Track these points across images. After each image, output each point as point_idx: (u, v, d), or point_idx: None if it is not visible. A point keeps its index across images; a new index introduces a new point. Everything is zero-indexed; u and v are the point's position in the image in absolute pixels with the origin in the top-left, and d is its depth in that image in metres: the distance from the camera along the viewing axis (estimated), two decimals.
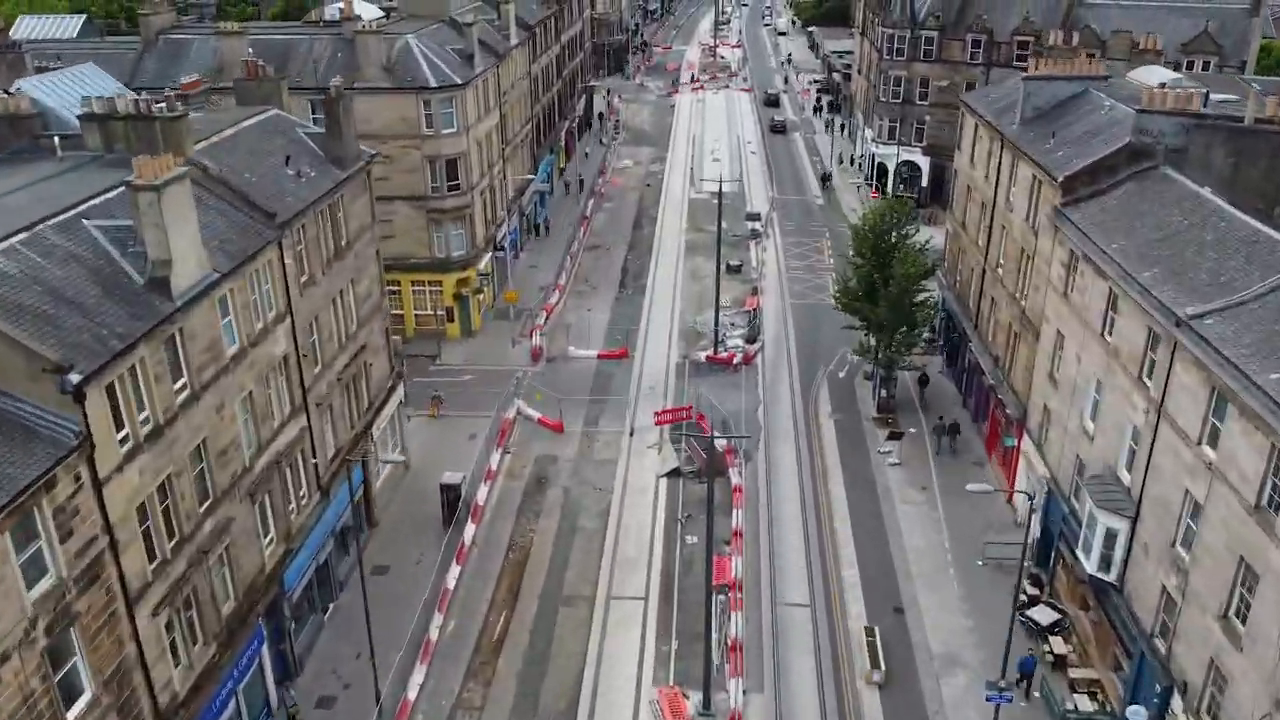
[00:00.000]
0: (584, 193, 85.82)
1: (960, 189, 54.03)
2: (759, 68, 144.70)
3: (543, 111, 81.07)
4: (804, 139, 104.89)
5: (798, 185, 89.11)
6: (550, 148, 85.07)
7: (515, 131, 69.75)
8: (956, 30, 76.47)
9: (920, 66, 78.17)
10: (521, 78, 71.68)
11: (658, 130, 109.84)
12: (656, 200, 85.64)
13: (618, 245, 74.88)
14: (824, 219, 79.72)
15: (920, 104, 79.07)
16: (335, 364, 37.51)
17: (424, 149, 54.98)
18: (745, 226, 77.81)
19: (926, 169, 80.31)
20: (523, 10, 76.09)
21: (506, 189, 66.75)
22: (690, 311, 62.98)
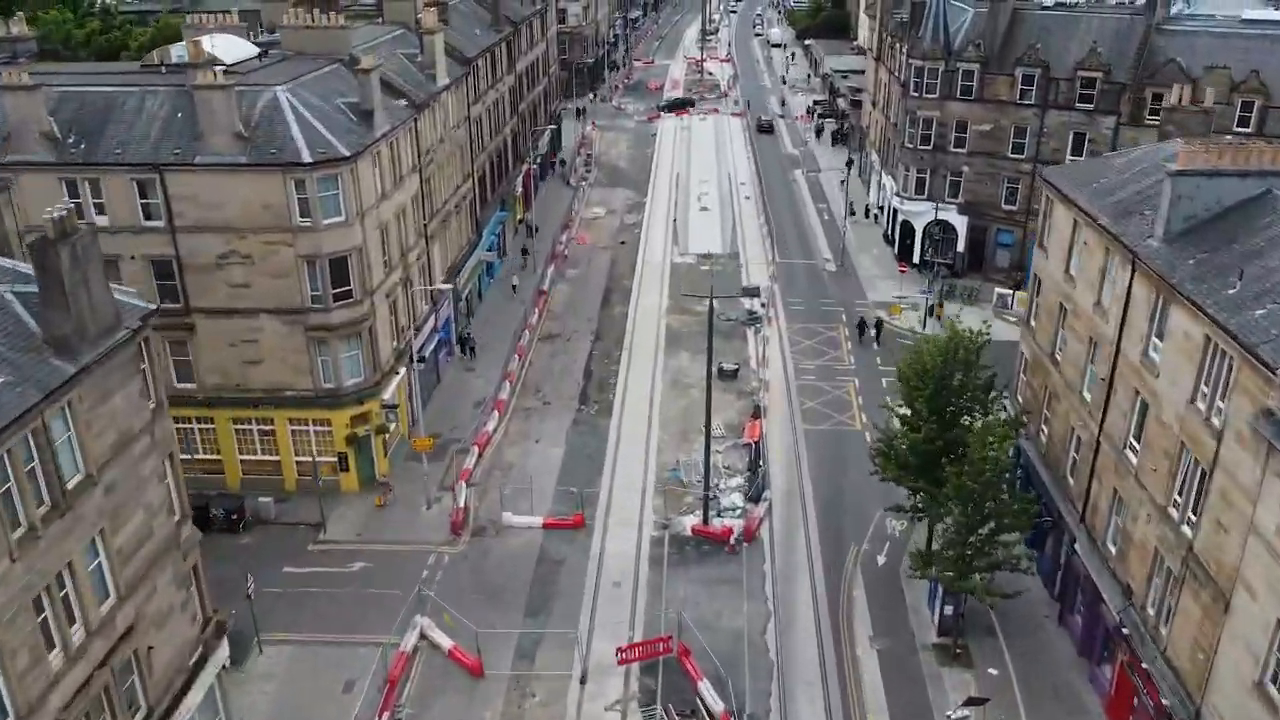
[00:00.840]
0: (544, 257, 70.27)
1: (1046, 302, 38.78)
2: (750, 85, 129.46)
3: (490, 161, 65.61)
4: (806, 178, 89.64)
5: (802, 242, 73.80)
6: (502, 200, 69.57)
7: (447, 196, 54.27)
8: (1003, 63, 61.31)
9: (956, 106, 63.04)
10: (457, 125, 56.23)
11: (636, 166, 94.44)
12: (632, 264, 70.24)
13: (581, 334, 59.44)
14: (839, 293, 64.44)
15: (956, 152, 63.93)
16: (62, 684, 22.06)
17: (298, 245, 39.53)
18: (741, 306, 62.42)
19: (963, 230, 65.18)
20: (462, 37, 60.59)
21: (432, 276, 51.26)
22: (672, 446, 47.59)
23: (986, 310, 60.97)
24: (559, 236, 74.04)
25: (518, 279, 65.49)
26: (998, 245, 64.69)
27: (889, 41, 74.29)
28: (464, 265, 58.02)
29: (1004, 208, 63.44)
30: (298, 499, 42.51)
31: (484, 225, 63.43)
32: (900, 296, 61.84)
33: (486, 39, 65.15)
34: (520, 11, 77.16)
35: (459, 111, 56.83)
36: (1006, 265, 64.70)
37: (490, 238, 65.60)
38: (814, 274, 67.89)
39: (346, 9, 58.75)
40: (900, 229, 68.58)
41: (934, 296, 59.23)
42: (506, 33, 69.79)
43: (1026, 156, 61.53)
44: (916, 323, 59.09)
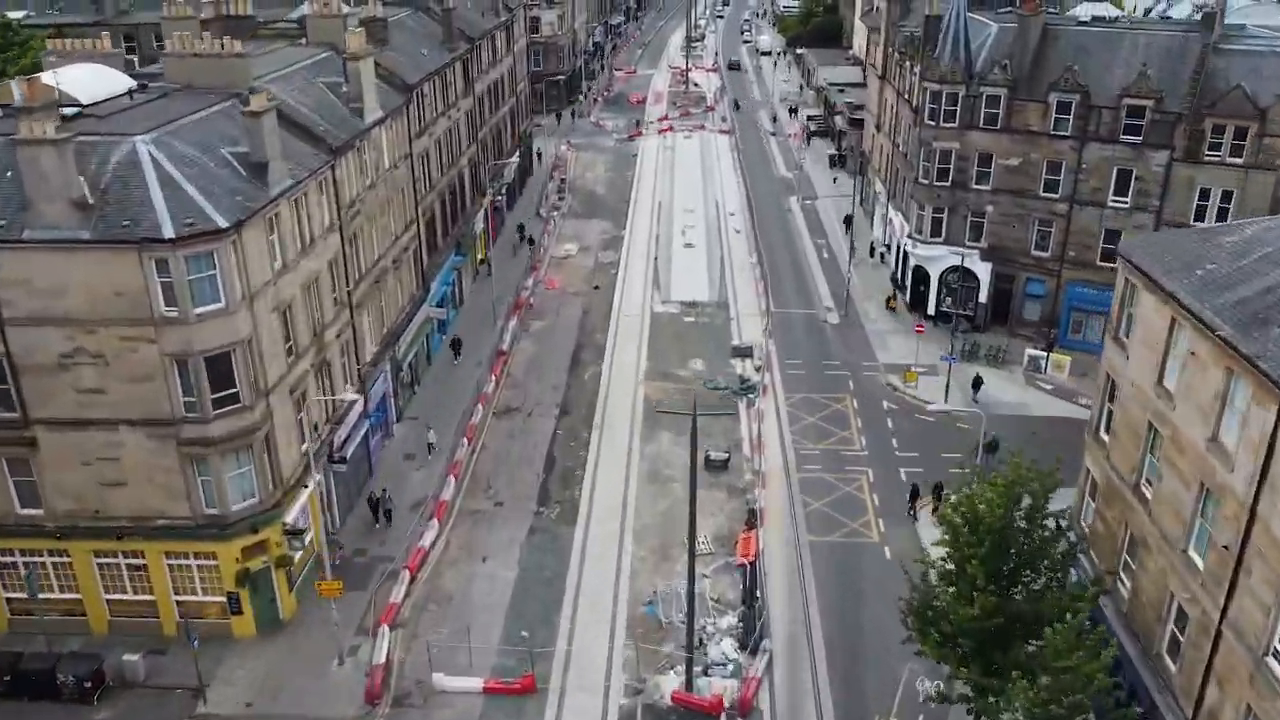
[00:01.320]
0: (506, 307, 61.42)
1: (1128, 416, 30.08)
2: (738, 98, 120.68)
3: (441, 201, 56.80)
4: (802, 205, 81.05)
5: (800, 286, 65.16)
6: (458, 243, 60.74)
7: (381, 252, 45.45)
8: (1033, 87, 52.83)
9: (979, 137, 54.51)
10: (395, 165, 47.42)
11: (614, 192, 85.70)
12: (607, 314, 61.51)
13: (544, 407, 50.69)
14: (844, 353, 55.81)
15: (978, 189, 55.39)
16: None
17: (163, 342, 30.74)
18: (732, 370, 53.91)
19: (987, 279, 56.67)
20: (405, 59, 51.79)
21: (359, 353, 42.43)
22: (648, 567, 38.89)
23: (1015, 374, 52.58)
24: (524, 281, 65.21)
25: (460, 355, 56.71)
26: (1026, 296, 56.23)
27: (896, 58, 65.80)
28: (406, 328, 49.17)
29: (1034, 254, 54.98)
30: (176, 650, 33.62)
31: (433, 276, 54.58)
32: (920, 367, 53.19)
33: (436, 59, 56.32)
34: (480, 25, 68.37)
35: (398, 148, 48.01)
36: (1037, 319, 56.24)
37: (442, 288, 56.80)
38: (814, 327, 59.23)
39: (263, 27, 49.89)
40: (913, 274, 60.02)
41: (957, 356, 50.64)
42: (461, 51, 60.98)
43: (1061, 196, 53.09)
44: (937, 392, 50.48)
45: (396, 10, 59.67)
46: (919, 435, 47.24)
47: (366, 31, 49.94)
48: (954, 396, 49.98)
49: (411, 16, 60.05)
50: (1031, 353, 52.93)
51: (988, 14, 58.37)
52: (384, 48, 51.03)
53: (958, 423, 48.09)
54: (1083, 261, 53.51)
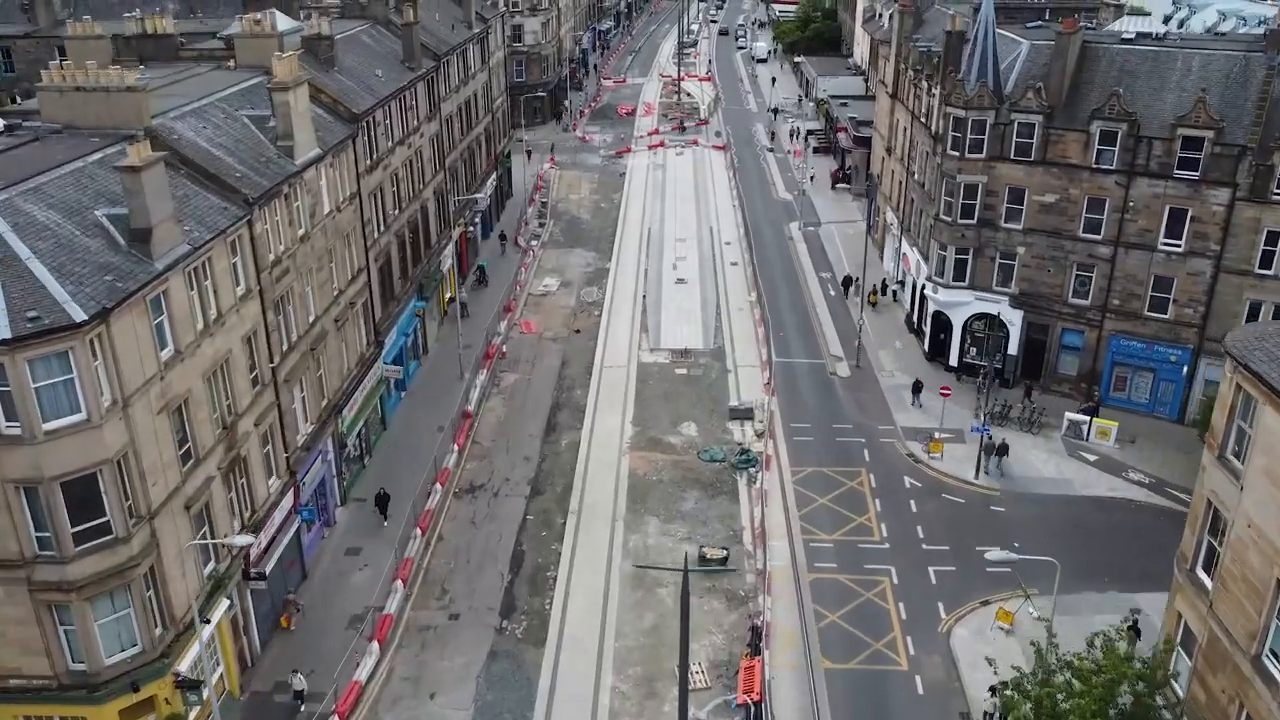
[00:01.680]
0: (475, 358, 54.66)
1: (1242, 564, 23.42)
2: (733, 111, 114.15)
3: (398, 242, 50.05)
4: (804, 233, 74.43)
5: (805, 330, 58.50)
6: (420, 285, 53.98)
7: (319, 313, 38.70)
8: (1073, 115, 46.30)
9: (1010, 170, 47.97)
10: (338, 208, 40.69)
11: (600, 217, 79.06)
12: (588, 364, 54.83)
13: (513, 484, 44.01)
14: (857, 414, 49.18)
15: (1009, 229, 48.85)
16: None
17: (5, 467, 23.98)
18: (730, 435, 47.30)
19: (1017, 329, 50.08)
20: (354, 83, 45.12)
21: (288, 438, 35.66)
22: (632, 707, 32.10)
23: (1054, 440, 46.01)
24: (496, 325, 58.46)
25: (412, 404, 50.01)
26: (1063, 349, 49.69)
27: (910, 76, 59.21)
28: (354, 395, 42.42)
29: (1072, 302, 48.44)
30: None
31: (388, 329, 47.85)
32: (944, 433, 46.60)
33: (394, 81, 49.57)
34: (448, 40, 61.65)
35: (342, 188, 41.30)
36: (1074, 374, 49.69)
37: (400, 339, 50.06)
38: (822, 382, 52.58)
39: (186, 48, 43.18)
40: (932, 320, 53.39)
41: (988, 426, 43.99)
42: (425, 70, 54.23)
43: (1104, 238, 46.58)
44: (966, 465, 43.95)
45: (350, 25, 53.09)
46: (948, 521, 40.66)
47: (309, 52, 43.47)
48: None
49: (368, 32, 53.38)
50: (1072, 417, 46.39)
51: (1015, 29, 51.82)
52: (329, 71, 44.37)
53: (991, 504, 41.60)
54: (1128, 311, 47.01)
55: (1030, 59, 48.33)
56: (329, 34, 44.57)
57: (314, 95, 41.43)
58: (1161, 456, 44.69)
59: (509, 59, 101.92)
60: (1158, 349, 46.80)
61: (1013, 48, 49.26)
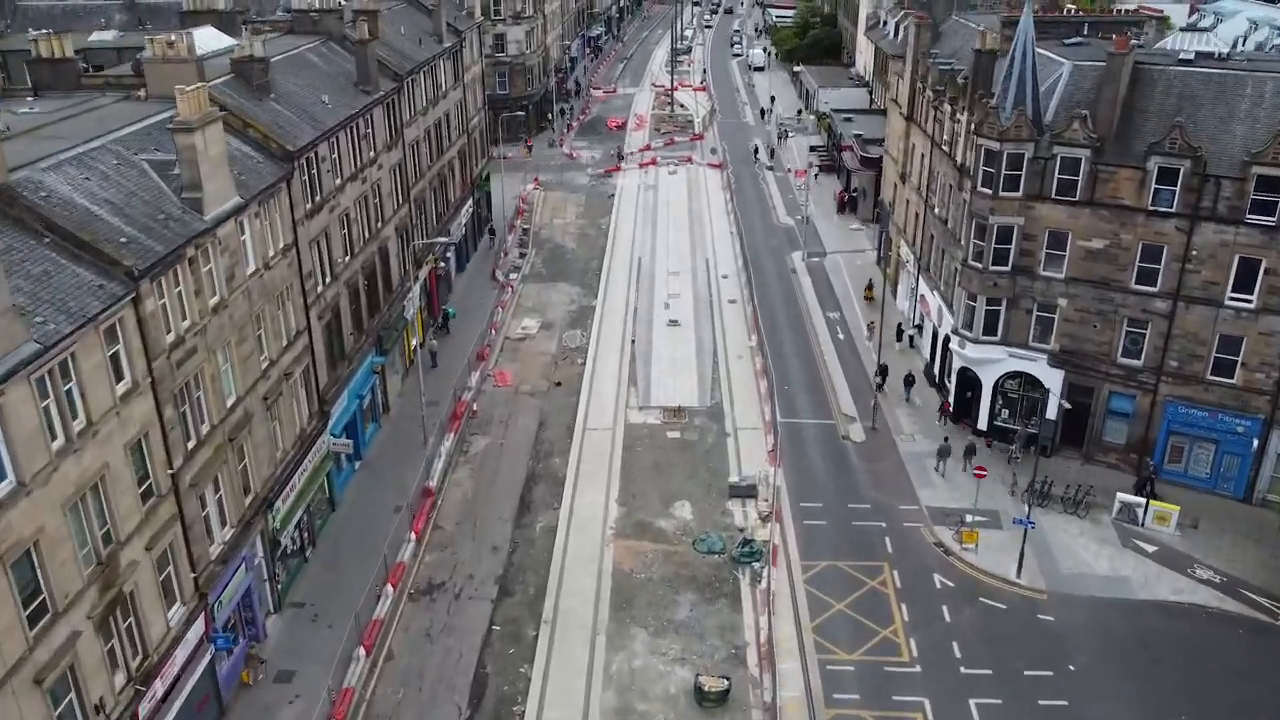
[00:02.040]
0: (442, 418, 48.30)
1: None
2: (730, 125, 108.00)
3: (350, 291, 43.67)
4: (808, 264, 68.23)
5: (813, 384, 52.26)
6: (378, 337, 47.63)
7: (242, 393, 32.29)
8: (1125, 148, 40.16)
9: (1051, 211, 41.83)
10: (267, 266, 34.32)
11: (586, 245, 72.82)
12: (569, 425, 48.55)
13: (478, 583, 37.64)
14: (874, 490, 42.92)
15: (1048, 277, 42.70)
16: None
17: None
18: (731, 517, 41.03)
19: (1057, 390, 43.89)
20: (294, 113, 38.83)
21: (196, 553, 29.25)
22: None
23: (1104, 526, 39.87)
24: (467, 377, 52.10)
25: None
26: (1110, 414, 43.53)
27: (929, 98, 53.03)
28: (290, 481, 36.05)
29: (1121, 362, 42.30)
30: None
31: (336, 396, 41.48)
32: (979, 514, 40.39)
33: (344, 108, 43.23)
34: (414, 56, 55.33)
35: (273, 240, 34.94)
36: (1123, 443, 43.56)
37: (353, 403, 43.71)
38: (834, 447, 46.33)
39: (88, 75, 36.83)
40: (957, 377, 47.18)
41: (1033, 520, 37.69)
42: (383, 94, 47.88)
43: (1161, 289, 40.46)
44: (1006, 558, 37.78)
45: (297, 42, 46.76)
46: (988, 634, 34.46)
47: (239, 77, 37.12)
48: (1029, 567, 37.22)
49: (318, 50, 47.04)
50: (1125, 499, 40.21)
51: (1052, 46, 45.67)
52: (263, 99, 38.03)
53: (1037, 611, 35.40)
54: (1188, 375, 40.90)
55: (1073, 83, 42.19)
56: (263, 55, 38.16)
57: (240, 130, 35.18)
58: (1230, 546, 38.60)
59: (491, 70, 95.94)
60: (1222, 418, 40.66)
61: (1052, 69, 43.12)
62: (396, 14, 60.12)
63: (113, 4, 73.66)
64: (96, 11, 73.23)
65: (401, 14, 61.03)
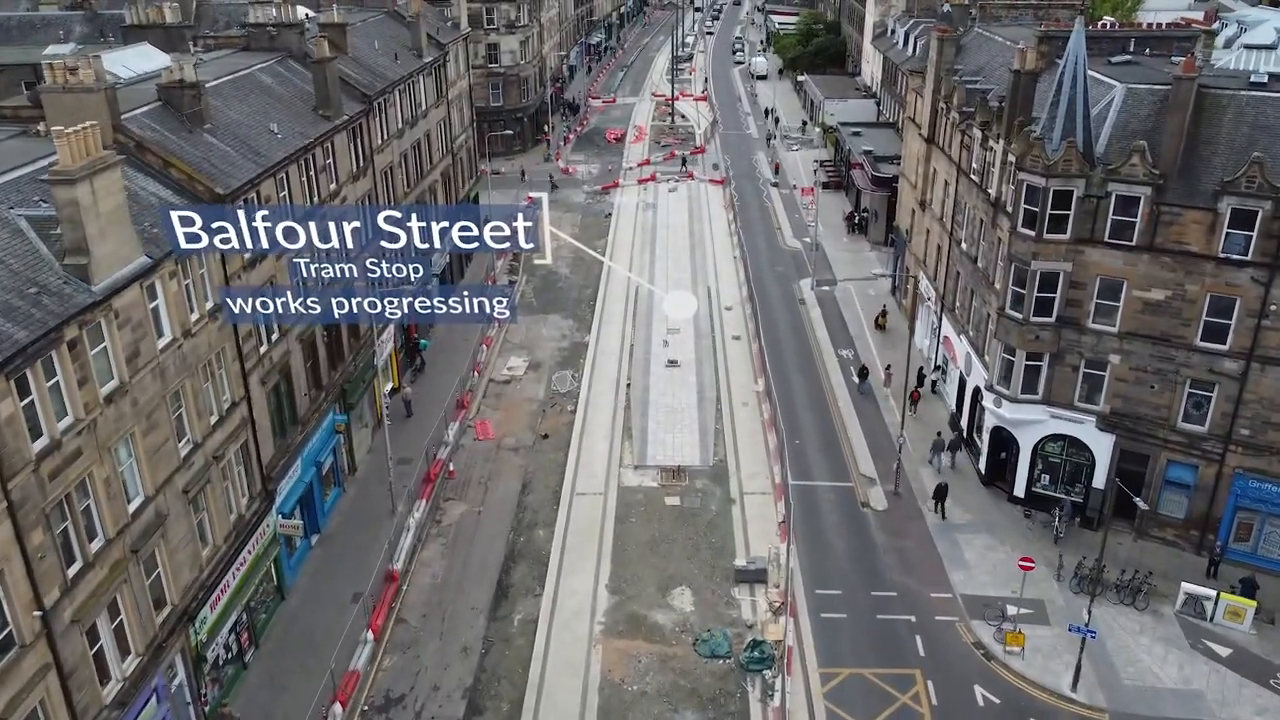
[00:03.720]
0: (414, 480, 43.06)
1: None
2: (732, 137, 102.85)
3: (304, 348, 38.44)
4: (818, 294, 62.98)
5: (826, 438, 46.99)
6: (342, 391, 42.45)
7: (153, 490, 27.05)
8: (1192, 187, 34.86)
9: (1103, 256, 36.53)
10: (189, 333, 29.13)
11: (580, 272, 67.68)
12: (556, 489, 43.32)
13: (442, 699, 32.30)
14: (901, 573, 37.61)
15: (1099, 330, 37.40)
16: None
17: None
18: (737, 609, 35.72)
19: (1105, 456, 38.62)
20: (229, 151, 33.70)
21: (77, 702, 24.01)
22: None
23: (1166, 621, 34.53)
24: (445, 430, 46.88)
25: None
26: (1167, 484, 38.20)
27: (954, 119, 47.78)
28: (221, 583, 30.80)
29: (1182, 428, 36.96)
30: None
31: (285, 469, 36.24)
32: (1022, 607, 35.05)
33: (297, 136, 37.99)
34: (387, 73, 50.15)
35: (196, 302, 29.74)
36: (1181, 518, 38.24)
37: (308, 471, 38.48)
38: (852, 517, 41.04)
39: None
40: (991, 436, 41.88)
41: (1094, 628, 32.32)
42: (348, 118, 42.67)
43: (1231, 348, 35.14)
44: (1056, 664, 32.49)
45: (249, 60, 41.58)
46: None
47: (168, 105, 32.01)
48: (1086, 678, 31.90)
49: (272, 70, 41.84)
50: (1191, 590, 34.88)
51: (1098, 65, 40.32)
52: (194, 131, 32.85)
53: None
54: (1261, 445, 35.62)
55: (1127, 109, 36.92)
56: (194, 80, 32.92)
57: (160, 170, 30.01)
58: None
59: (484, 81, 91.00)
60: None
61: (1102, 93, 37.84)
62: (371, 27, 55.03)
63: (73, 15, 68.72)
64: (55, 23, 68.28)
65: (377, 27, 55.91)
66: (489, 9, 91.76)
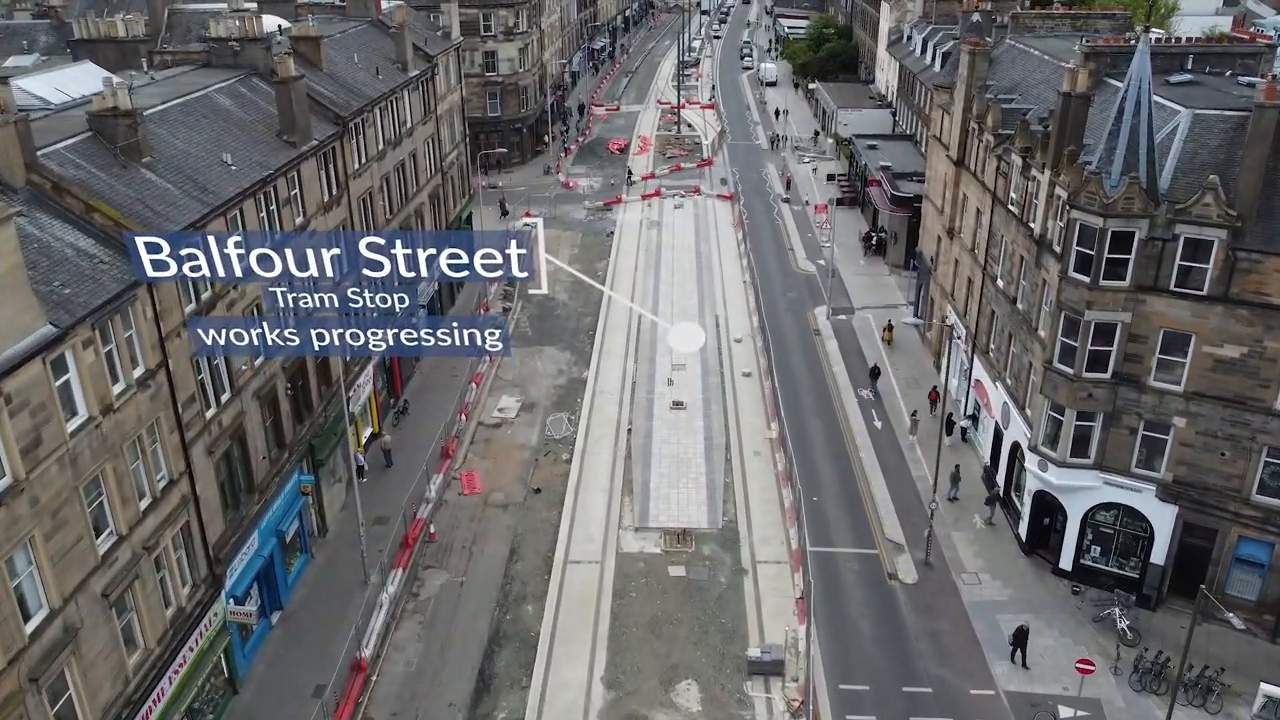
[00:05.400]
0: (392, 539, 38.77)
1: None
2: (740, 148, 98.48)
3: (262, 405, 34.16)
4: (834, 323, 58.61)
5: (847, 495, 42.64)
6: (309, 447, 38.21)
7: (55, 608, 22.80)
8: (1273, 232, 30.43)
9: (1168, 307, 32.14)
10: (111, 410, 24.87)
11: (579, 297, 63.40)
12: (548, 555, 39.00)
13: None
14: (934, 659, 33.27)
15: (1161, 388, 33.00)
16: None
17: None
18: (749, 713, 31.38)
19: (1166, 528, 34.21)
20: (173, 190, 29.52)
21: None
22: None
23: None
24: (426, 484, 42.58)
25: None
26: (1237, 563, 33.80)
27: (989, 143, 43.41)
28: (156, 688, 26.53)
29: (1257, 500, 32.55)
30: None
31: (239, 543, 31.97)
32: (1072, 706, 30.65)
33: (252, 169, 33.70)
34: (366, 90, 45.88)
35: (122, 372, 25.48)
36: (1253, 600, 33.82)
37: (267, 542, 34.21)
38: (879, 592, 36.63)
39: None
40: (1033, 501, 37.47)
41: (1131, 683, 27.94)
42: (317, 143, 38.38)
43: None
44: None
45: (204, 81, 37.29)
46: None
47: (99, 136, 27.81)
48: None
49: (232, 90, 37.58)
50: (1271, 692, 30.45)
51: (1157, 86, 35.78)
52: (130, 166, 28.60)
53: None
54: None
55: (1194, 138, 32.53)
56: (129, 108, 28.66)
57: (81, 215, 25.77)
58: None
59: (481, 91, 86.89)
60: None
61: (1165, 119, 33.41)
62: (351, 39, 50.79)
63: (39, 24, 64.75)
64: (20, 33, 64.35)
65: (358, 39, 51.67)
66: (486, 15, 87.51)
